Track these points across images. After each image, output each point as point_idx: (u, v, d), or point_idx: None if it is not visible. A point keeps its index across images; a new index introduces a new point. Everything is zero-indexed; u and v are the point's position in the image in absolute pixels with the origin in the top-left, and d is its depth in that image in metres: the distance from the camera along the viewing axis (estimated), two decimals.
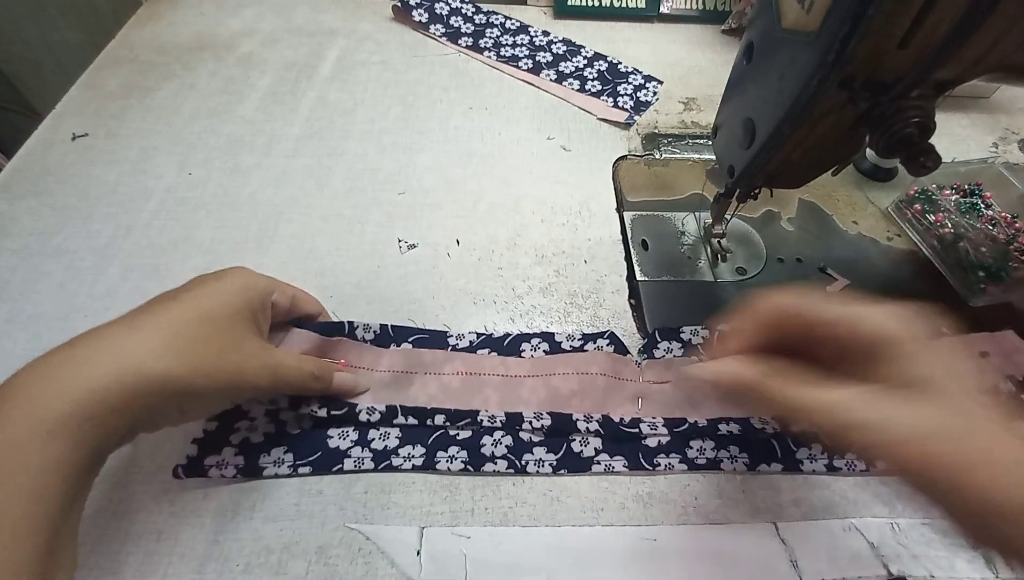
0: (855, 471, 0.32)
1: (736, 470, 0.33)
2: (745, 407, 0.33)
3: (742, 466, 0.33)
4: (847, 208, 0.48)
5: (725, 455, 0.33)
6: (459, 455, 0.32)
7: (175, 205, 0.44)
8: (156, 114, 0.51)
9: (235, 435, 0.32)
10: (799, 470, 0.33)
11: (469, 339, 0.36)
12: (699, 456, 0.33)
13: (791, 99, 0.26)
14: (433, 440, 0.32)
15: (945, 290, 0.42)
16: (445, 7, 0.64)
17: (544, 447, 0.33)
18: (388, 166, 0.48)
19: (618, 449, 0.33)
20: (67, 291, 0.38)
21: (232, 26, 0.61)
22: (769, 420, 0.34)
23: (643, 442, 0.33)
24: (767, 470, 0.33)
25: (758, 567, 0.29)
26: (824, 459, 0.33)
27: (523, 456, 0.32)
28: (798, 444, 0.33)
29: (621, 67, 0.59)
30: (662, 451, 0.33)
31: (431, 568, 0.28)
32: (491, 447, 0.32)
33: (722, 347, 0.25)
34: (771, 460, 0.33)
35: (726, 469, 0.33)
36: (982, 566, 0.30)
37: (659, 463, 0.32)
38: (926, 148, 0.25)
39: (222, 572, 0.28)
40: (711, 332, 0.37)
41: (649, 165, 0.51)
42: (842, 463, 0.33)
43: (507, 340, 0.37)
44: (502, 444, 0.33)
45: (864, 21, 0.22)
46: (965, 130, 0.56)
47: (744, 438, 0.33)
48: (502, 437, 0.33)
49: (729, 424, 0.33)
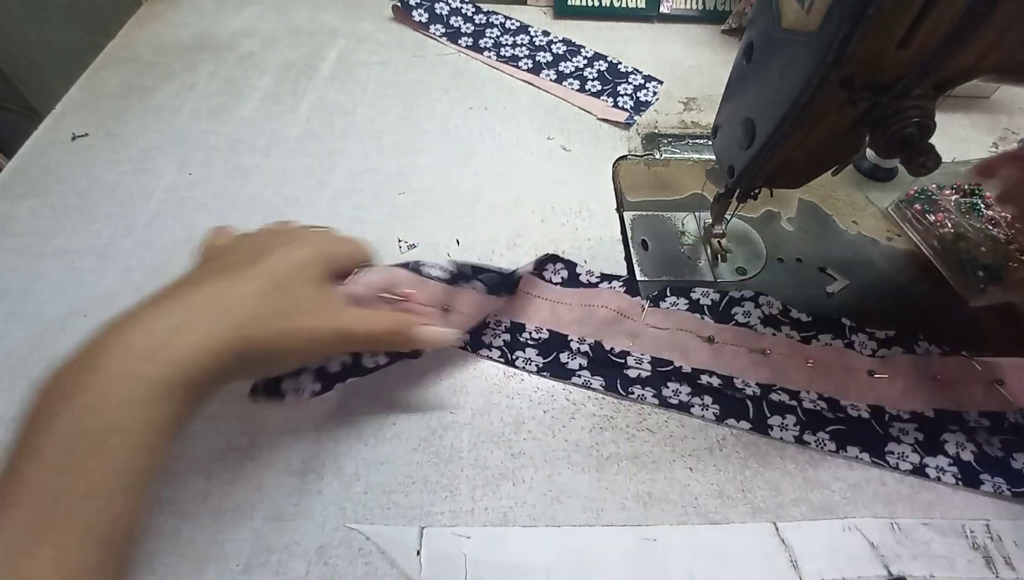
0: (823, 448, 0.33)
1: (704, 418, 0.34)
2: None
3: (712, 415, 0.34)
4: (847, 208, 0.48)
5: (698, 402, 0.35)
6: (463, 337, 0.33)
7: (175, 205, 0.44)
8: (156, 114, 0.51)
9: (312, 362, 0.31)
10: (767, 434, 0.34)
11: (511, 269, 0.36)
12: (673, 396, 0.35)
13: (791, 99, 0.26)
14: None
15: (945, 290, 0.42)
16: (445, 7, 0.64)
17: (535, 350, 0.36)
18: (388, 166, 0.48)
19: (600, 370, 0.36)
20: (67, 291, 0.38)
21: (232, 26, 0.61)
22: (751, 383, 0.35)
23: (624, 370, 0.36)
24: (734, 425, 0.34)
25: (758, 567, 0.29)
26: (795, 430, 0.34)
27: (515, 352, 0.36)
28: (772, 411, 0.35)
29: (621, 67, 0.59)
30: (639, 383, 0.35)
31: (431, 568, 0.28)
32: (490, 338, 0.36)
33: None
34: (741, 418, 0.34)
35: (695, 414, 0.34)
36: (982, 566, 0.30)
37: (633, 392, 0.35)
38: (926, 148, 0.25)
39: (222, 572, 0.28)
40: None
41: (649, 165, 0.51)
42: (812, 439, 0.33)
43: (533, 262, 0.37)
44: (500, 338, 0.36)
45: (864, 21, 0.22)
46: (965, 130, 0.56)
47: (721, 392, 0.35)
48: (503, 333, 0.37)
49: (712, 377, 0.35)
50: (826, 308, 0.40)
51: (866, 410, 0.35)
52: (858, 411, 0.35)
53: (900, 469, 0.33)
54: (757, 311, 0.38)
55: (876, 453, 0.33)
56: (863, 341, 0.38)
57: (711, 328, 0.38)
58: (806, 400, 0.35)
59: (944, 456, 0.33)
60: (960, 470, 0.33)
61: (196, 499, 0.30)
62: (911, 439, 0.34)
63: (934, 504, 0.32)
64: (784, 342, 0.37)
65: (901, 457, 0.33)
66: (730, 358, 0.37)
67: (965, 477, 0.33)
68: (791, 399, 0.35)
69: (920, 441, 0.34)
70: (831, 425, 0.34)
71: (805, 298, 0.41)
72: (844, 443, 0.34)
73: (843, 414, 0.34)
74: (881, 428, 0.34)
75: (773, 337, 0.38)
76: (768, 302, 0.39)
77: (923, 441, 0.34)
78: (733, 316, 0.38)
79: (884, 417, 0.34)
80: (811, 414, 0.35)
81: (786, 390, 0.35)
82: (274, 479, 0.31)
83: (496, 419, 0.34)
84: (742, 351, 0.37)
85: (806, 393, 0.35)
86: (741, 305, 0.39)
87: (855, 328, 0.38)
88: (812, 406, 0.35)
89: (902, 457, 0.33)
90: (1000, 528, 0.31)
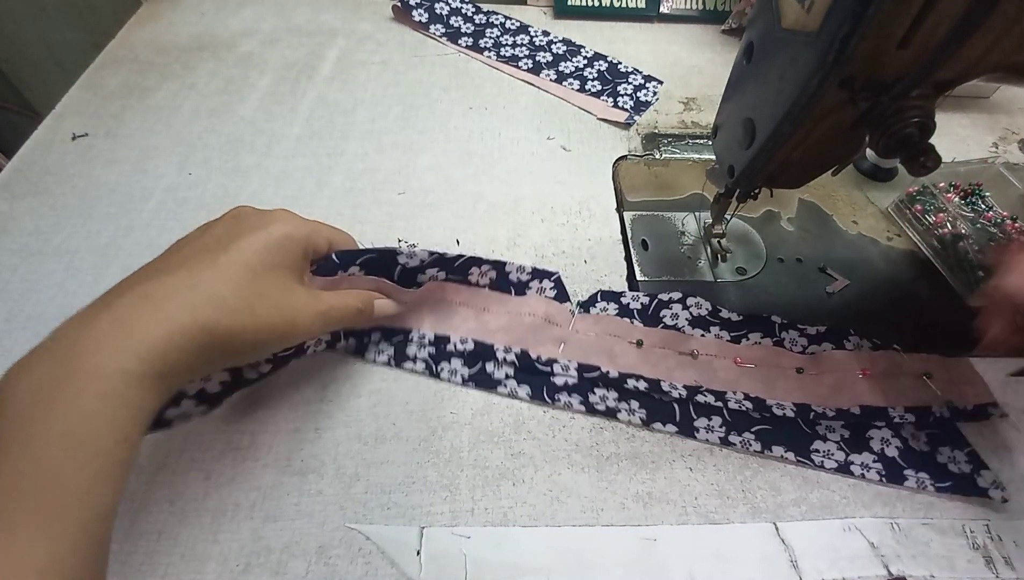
0: (748, 449, 0.33)
1: (630, 422, 0.34)
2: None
3: (638, 420, 0.34)
4: (847, 208, 0.48)
5: (624, 407, 0.34)
6: (386, 350, 0.35)
7: (175, 205, 0.44)
8: (156, 114, 0.51)
9: (192, 386, 0.29)
10: (693, 436, 0.34)
11: (420, 257, 0.35)
12: (599, 403, 0.34)
13: (791, 99, 0.26)
14: (365, 334, 0.36)
15: (945, 290, 0.42)
16: (445, 7, 0.64)
17: (461, 360, 0.36)
18: (388, 166, 0.48)
19: (525, 378, 0.35)
20: (67, 291, 0.38)
21: (232, 26, 0.61)
22: (678, 385, 0.35)
23: (551, 378, 0.35)
24: (660, 429, 0.34)
25: (758, 567, 0.29)
26: (720, 432, 0.34)
27: (440, 363, 0.35)
28: (699, 414, 0.34)
29: (621, 67, 0.59)
30: (565, 390, 0.35)
31: (431, 568, 0.28)
32: (415, 350, 0.36)
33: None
34: (667, 421, 0.34)
35: (622, 419, 0.34)
36: (982, 566, 0.30)
37: (559, 399, 0.34)
38: (926, 148, 0.25)
39: (222, 572, 0.28)
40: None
41: (649, 165, 0.51)
42: (737, 439, 0.33)
43: (457, 262, 0.36)
44: (424, 350, 0.36)
45: (864, 21, 0.22)
46: (965, 130, 0.56)
47: (648, 396, 0.35)
48: (428, 345, 0.36)
49: (639, 381, 0.35)
50: (826, 308, 0.40)
51: (791, 409, 0.34)
52: (783, 410, 0.34)
53: (825, 467, 0.32)
54: (685, 313, 0.38)
55: (801, 452, 0.33)
56: (793, 338, 0.38)
57: (639, 331, 0.37)
58: (732, 401, 0.35)
59: (869, 453, 0.33)
60: (884, 466, 0.33)
61: (196, 499, 0.30)
62: (837, 437, 0.34)
63: (934, 504, 0.32)
64: (713, 343, 0.37)
65: (827, 455, 0.33)
66: (658, 361, 0.36)
67: (889, 473, 0.32)
68: (717, 400, 0.35)
69: (846, 438, 0.34)
70: (757, 425, 0.34)
71: (805, 298, 0.41)
72: (769, 443, 0.33)
73: (768, 414, 0.34)
74: (807, 426, 0.34)
75: (702, 338, 0.37)
76: (697, 303, 0.38)
77: (848, 438, 0.34)
78: (662, 319, 0.38)
79: (810, 415, 0.34)
80: (737, 415, 0.34)
81: (712, 391, 0.35)
82: (274, 479, 0.31)
83: (496, 419, 0.34)
84: (670, 353, 0.37)
85: (732, 394, 0.35)
86: (669, 307, 0.38)
87: (786, 325, 0.38)
88: (738, 406, 0.34)
89: (827, 455, 0.33)
90: (1000, 528, 0.31)
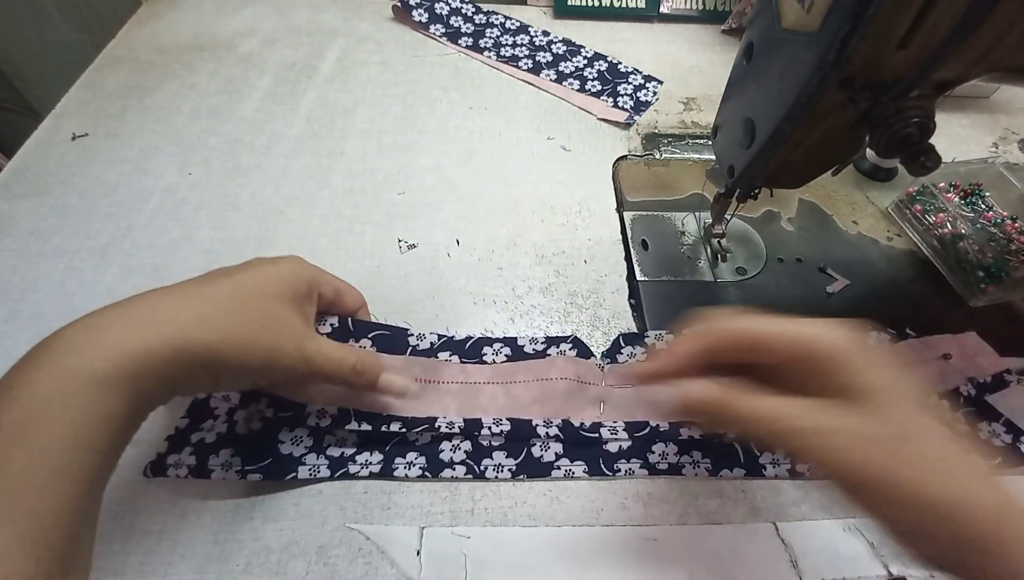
0: (820, 476, 0.32)
1: (698, 475, 0.32)
2: (701, 422, 0.30)
3: (704, 471, 0.32)
4: (847, 208, 0.48)
5: (687, 460, 0.32)
6: (417, 461, 0.31)
7: (175, 205, 0.44)
8: (156, 114, 0.51)
9: (196, 434, 0.31)
10: (762, 475, 0.32)
11: (430, 341, 0.35)
12: (661, 461, 0.32)
13: (791, 99, 0.26)
14: (391, 446, 0.32)
15: (945, 290, 0.42)
16: (445, 7, 0.64)
17: (504, 452, 0.32)
18: (388, 166, 0.48)
19: (579, 454, 0.32)
20: (67, 291, 0.38)
21: (232, 26, 0.61)
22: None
23: (604, 447, 0.33)
24: (729, 475, 0.32)
25: (758, 567, 0.29)
26: (787, 464, 0.32)
27: (482, 461, 0.32)
28: (761, 449, 0.33)
29: (621, 67, 0.59)
30: (623, 456, 0.32)
31: (431, 568, 0.28)
32: (450, 453, 0.32)
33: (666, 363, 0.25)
34: (733, 465, 0.32)
35: (688, 474, 0.32)
36: None
37: (619, 469, 0.32)
38: (926, 148, 0.25)
39: (222, 572, 0.28)
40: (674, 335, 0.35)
41: (649, 165, 0.51)
42: (804, 468, 0.32)
43: (468, 343, 0.35)
44: (461, 450, 0.32)
45: (864, 21, 0.22)
46: (965, 130, 0.56)
47: (706, 443, 0.33)
48: (461, 442, 0.32)
49: (691, 428, 0.33)
50: (826, 308, 0.40)
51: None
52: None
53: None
54: None
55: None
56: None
57: None
58: None
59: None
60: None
61: (196, 499, 0.30)
62: None
63: None
64: None
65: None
66: None
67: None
68: None
69: None
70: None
71: (805, 298, 0.41)
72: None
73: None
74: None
75: None
76: None
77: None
78: None
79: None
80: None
81: None
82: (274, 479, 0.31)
83: None
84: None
85: None
86: None
87: None
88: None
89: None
90: None
